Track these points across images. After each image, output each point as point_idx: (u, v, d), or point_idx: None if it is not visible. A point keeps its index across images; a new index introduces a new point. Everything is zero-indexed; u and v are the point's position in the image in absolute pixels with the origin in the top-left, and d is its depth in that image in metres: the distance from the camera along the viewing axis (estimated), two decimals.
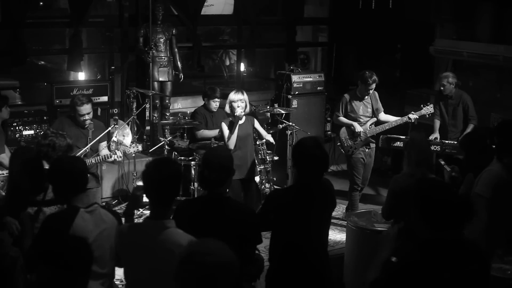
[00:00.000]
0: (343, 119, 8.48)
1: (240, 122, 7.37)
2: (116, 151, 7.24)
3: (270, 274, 4.72)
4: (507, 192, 5.25)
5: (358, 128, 8.32)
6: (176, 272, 2.80)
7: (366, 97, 8.38)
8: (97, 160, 7.12)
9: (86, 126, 7.11)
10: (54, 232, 3.94)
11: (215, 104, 8.50)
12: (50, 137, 5.55)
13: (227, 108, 7.50)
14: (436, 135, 8.97)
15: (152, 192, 3.82)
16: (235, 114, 7.32)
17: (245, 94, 7.45)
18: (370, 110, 8.44)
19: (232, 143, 7.38)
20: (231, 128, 7.39)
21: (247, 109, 7.46)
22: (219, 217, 4.17)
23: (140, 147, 7.81)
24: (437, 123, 9.05)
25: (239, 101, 7.34)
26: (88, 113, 7.09)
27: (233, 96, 7.39)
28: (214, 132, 8.42)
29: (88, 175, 7.13)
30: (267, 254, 7.31)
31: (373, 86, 8.26)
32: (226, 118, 7.60)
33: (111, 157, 7.18)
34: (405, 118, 8.35)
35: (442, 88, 8.86)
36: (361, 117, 8.41)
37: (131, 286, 3.93)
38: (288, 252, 4.59)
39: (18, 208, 4.85)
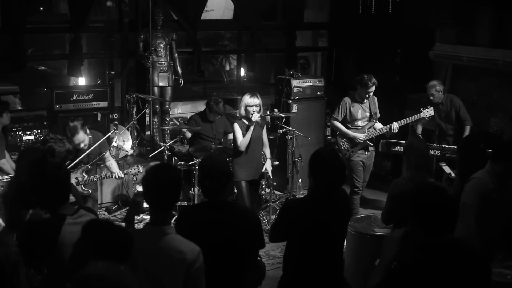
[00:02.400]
0: (341, 126, 8.45)
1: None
2: (118, 172, 7.42)
3: (286, 283, 4.65)
4: (494, 200, 5.24)
5: (360, 138, 8.35)
6: None
7: (365, 101, 8.40)
8: (99, 177, 7.32)
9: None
10: (42, 235, 3.94)
11: (216, 117, 8.53)
12: (49, 143, 5.54)
13: (242, 111, 7.58)
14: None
15: (152, 198, 3.81)
16: (252, 119, 7.42)
17: (259, 98, 7.58)
18: (368, 114, 8.45)
19: (243, 146, 7.50)
20: (243, 130, 7.51)
21: (261, 113, 7.59)
22: (221, 222, 4.16)
23: (141, 169, 7.74)
24: (419, 129, 9.14)
25: (255, 105, 7.47)
26: (82, 141, 7.12)
27: (249, 100, 7.50)
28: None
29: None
30: (268, 259, 7.33)
31: (373, 89, 8.28)
32: (237, 120, 7.66)
33: (111, 176, 7.38)
34: (387, 127, 8.40)
35: (431, 97, 8.91)
36: (359, 121, 8.43)
37: None
38: (304, 262, 4.51)
39: (20, 208, 4.84)
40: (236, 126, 7.57)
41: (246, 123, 7.56)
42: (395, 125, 8.36)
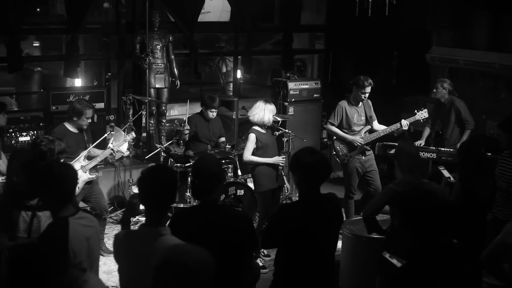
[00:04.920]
0: (338, 131, 8.38)
1: (265, 131, 7.51)
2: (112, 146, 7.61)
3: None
4: None
5: (358, 142, 8.29)
6: (154, 277, 2.82)
7: (360, 104, 8.33)
8: (102, 156, 7.53)
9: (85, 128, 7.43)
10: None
11: (211, 114, 8.45)
12: (40, 146, 5.49)
13: (266, 118, 7.46)
14: (421, 142, 8.98)
15: (147, 200, 3.81)
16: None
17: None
18: (363, 118, 8.36)
19: (246, 160, 7.48)
20: (259, 144, 7.44)
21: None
22: (214, 225, 4.16)
23: (133, 133, 8.03)
24: (427, 131, 9.08)
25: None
26: (91, 117, 7.48)
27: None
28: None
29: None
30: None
31: (369, 89, 8.19)
32: (254, 129, 7.50)
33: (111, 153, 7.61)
34: (397, 125, 8.32)
35: (434, 90, 8.87)
36: (355, 125, 8.36)
37: None
38: (293, 268, 4.50)
39: (10, 208, 4.83)
40: (252, 137, 7.43)
41: (262, 131, 7.49)
42: (404, 122, 8.25)
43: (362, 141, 8.29)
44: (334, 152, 8.61)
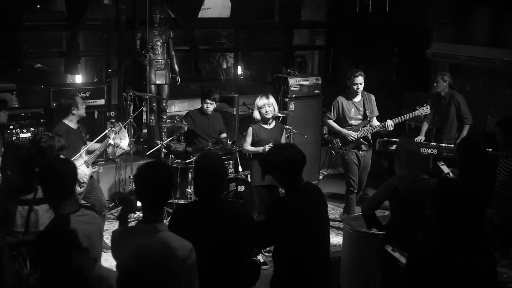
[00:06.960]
0: (334, 125, 8.41)
1: (269, 127, 7.49)
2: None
3: (279, 282, 4.65)
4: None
5: (352, 136, 8.28)
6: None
7: (359, 98, 8.32)
8: (100, 148, 7.61)
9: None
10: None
11: (205, 105, 8.46)
12: (40, 143, 5.46)
13: (256, 114, 7.50)
14: (421, 137, 8.97)
15: (143, 196, 3.80)
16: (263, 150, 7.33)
17: (270, 98, 7.51)
18: (362, 112, 8.38)
19: (246, 151, 7.63)
20: (255, 139, 7.46)
21: (275, 113, 7.54)
22: (214, 222, 4.15)
23: (121, 125, 8.03)
24: (425, 126, 9.09)
25: (267, 105, 7.39)
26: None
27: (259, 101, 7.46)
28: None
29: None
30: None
31: (360, 79, 8.18)
32: (256, 123, 7.56)
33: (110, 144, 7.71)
34: (382, 125, 8.28)
35: (435, 84, 8.87)
36: (353, 119, 8.37)
37: None
38: (294, 259, 4.52)
39: (5, 202, 4.83)
40: (249, 130, 7.54)
41: (264, 126, 7.52)
42: (389, 123, 8.24)
43: (356, 135, 8.29)
44: (330, 145, 8.65)
